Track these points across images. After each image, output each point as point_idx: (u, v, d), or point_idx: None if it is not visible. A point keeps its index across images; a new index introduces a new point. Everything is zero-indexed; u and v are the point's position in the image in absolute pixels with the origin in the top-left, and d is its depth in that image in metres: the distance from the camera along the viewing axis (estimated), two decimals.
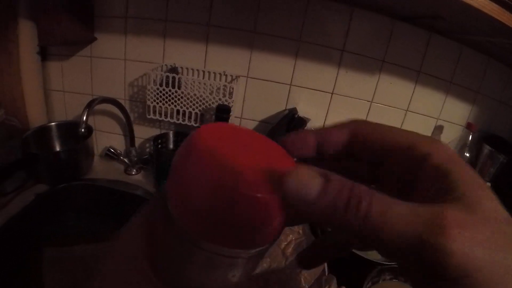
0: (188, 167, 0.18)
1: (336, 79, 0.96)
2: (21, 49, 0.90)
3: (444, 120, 1.02)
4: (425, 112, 1.01)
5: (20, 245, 0.76)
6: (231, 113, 0.85)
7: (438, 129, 1.03)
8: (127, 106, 1.01)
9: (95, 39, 0.96)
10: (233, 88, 0.85)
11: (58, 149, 1.02)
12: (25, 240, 0.78)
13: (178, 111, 0.91)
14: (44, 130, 1.00)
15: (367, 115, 1.00)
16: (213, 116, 0.84)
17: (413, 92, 0.98)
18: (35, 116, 0.99)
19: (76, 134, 0.85)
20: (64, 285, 0.59)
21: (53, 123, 1.01)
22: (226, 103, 0.87)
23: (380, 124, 0.22)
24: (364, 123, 0.22)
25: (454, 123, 1.03)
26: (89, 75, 1.01)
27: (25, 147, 0.90)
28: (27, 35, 0.90)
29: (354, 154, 0.23)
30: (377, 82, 0.96)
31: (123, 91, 1.02)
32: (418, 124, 1.02)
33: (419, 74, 0.95)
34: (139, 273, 0.23)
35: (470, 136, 0.95)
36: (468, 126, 0.95)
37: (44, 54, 0.99)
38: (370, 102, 0.99)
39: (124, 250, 0.26)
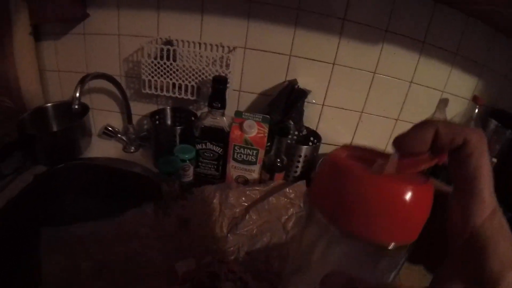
0: (337, 178, 0.22)
1: (337, 49, 0.92)
2: (14, 30, 0.88)
3: (450, 93, 0.99)
4: (430, 84, 0.98)
5: (20, 227, 0.75)
6: (228, 85, 0.82)
7: (443, 102, 0.99)
8: (123, 83, 0.99)
9: (88, 15, 0.93)
10: (229, 59, 0.83)
11: (55, 129, 1.00)
12: (24, 222, 0.77)
13: (174, 85, 0.89)
14: (40, 111, 0.98)
15: (370, 86, 0.97)
16: (210, 88, 0.81)
17: (418, 63, 0.94)
18: (31, 98, 0.97)
19: (73, 114, 0.83)
20: (63, 265, 0.58)
21: (49, 104, 0.99)
22: (223, 74, 0.84)
23: None
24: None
25: (459, 96, 1.00)
26: (84, 53, 0.98)
27: (21, 128, 0.88)
28: (19, 16, 0.88)
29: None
30: (380, 53, 0.93)
31: (118, 67, 0.99)
32: (423, 97, 0.99)
33: (424, 45, 0.92)
34: None
35: (476, 109, 0.92)
36: (474, 99, 0.92)
37: (38, 34, 0.97)
38: (373, 73, 0.96)
39: None
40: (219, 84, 0.78)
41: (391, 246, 0.21)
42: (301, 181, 0.81)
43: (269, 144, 0.85)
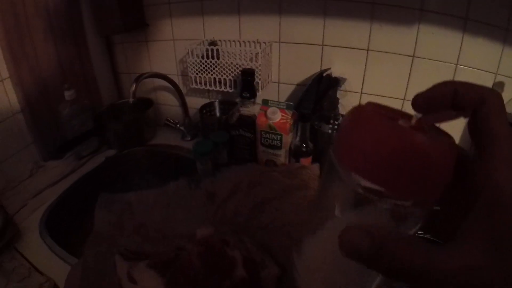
0: (361, 128, 0.22)
1: (370, 35, 0.92)
2: (88, 40, 1.10)
3: (505, 75, 0.89)
4: (479, 66, 0.90)
5: (88, 194, 0.93)
6: (259, 76, 0.91)
7: (498, 85, 0.90)
8: (180, 80, 1.15)
9: (147, 25, 1.11)
10: (257, 53, 0.91)
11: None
12: (93, 191, 0.95)
13: (215, 79, 1.01)
14: (114, 106, 1.20)
15: (410, 71, 0.95)
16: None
17: (462, 42, 0.88)
18: (107, 95, 1.20)
19: (141, 108, 1.02)
20: (110, 221, 0.73)
21: (121, 100, 1.20)
22: (253, 67, 0.93)
23: None
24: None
25: None
26: (147, 57, 1.17)
27: (97, 120, 1.09)
28: (91, 28, 1.09)
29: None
30: (417, 34, 0.89)
31: (175, 67, 1.16)
32: (473, 80, 0.88)
33: (466, 22, 0.86)
34: None
35: None
36: None
37: (111, 43, 1.18)
38: (412, 57, 0.93)
39: None
40: (247, 76, 0.87)
41: (411, 202, 0.21)
42: (315, 164, 0.86)
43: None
